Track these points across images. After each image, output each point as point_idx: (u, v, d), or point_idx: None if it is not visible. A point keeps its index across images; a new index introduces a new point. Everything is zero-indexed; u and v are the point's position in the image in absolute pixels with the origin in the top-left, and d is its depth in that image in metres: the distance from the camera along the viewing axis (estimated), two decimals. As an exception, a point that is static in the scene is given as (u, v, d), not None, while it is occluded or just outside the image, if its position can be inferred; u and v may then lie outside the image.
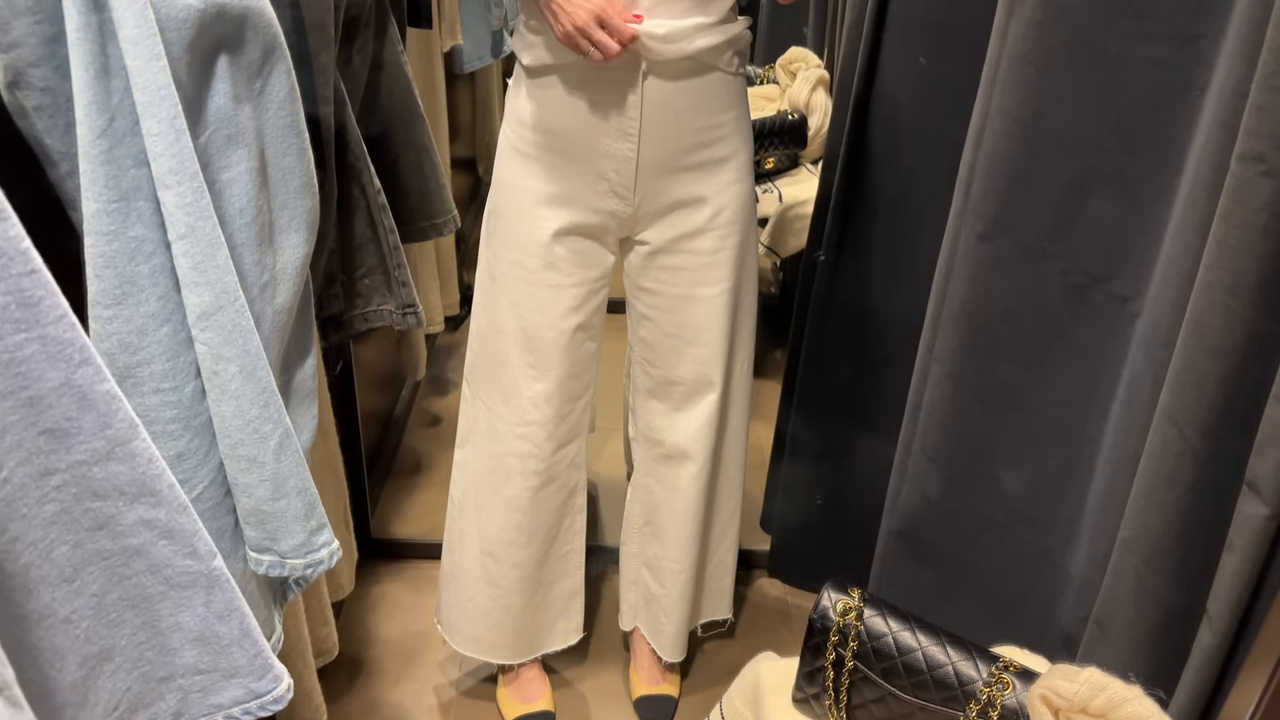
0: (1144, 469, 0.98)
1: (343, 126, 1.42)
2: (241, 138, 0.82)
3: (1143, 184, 1.03)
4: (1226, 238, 0.84)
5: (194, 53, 0.77)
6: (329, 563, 0.90)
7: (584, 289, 1.46)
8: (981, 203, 1.18)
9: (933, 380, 1.31)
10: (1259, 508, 0.84)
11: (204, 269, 0.76)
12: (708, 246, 1.45)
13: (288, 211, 0.88)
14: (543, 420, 1.50)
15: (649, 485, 1.65)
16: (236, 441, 0.81)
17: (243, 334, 0.79)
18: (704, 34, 1.30)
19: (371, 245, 1.51)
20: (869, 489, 1.58)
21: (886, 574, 1.47)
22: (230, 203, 0.83)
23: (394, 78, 1.68)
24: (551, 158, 1.39)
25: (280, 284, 0.88)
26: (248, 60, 0.82)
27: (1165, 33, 0.98)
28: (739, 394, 1.59)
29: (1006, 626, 1.29)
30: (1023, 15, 1.08)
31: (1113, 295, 1.09)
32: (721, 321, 1.49)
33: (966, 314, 1.24)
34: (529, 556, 1.58)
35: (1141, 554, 0.98)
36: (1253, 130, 0.80)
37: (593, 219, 1.42)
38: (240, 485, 0.83)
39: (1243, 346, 0.86)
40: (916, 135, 1.54)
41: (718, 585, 1.75)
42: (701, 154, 1.39)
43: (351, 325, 1.53)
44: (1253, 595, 0.88)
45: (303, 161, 0.88)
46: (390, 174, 1.69)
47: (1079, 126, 1.07)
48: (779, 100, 2.50)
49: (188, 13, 0.75)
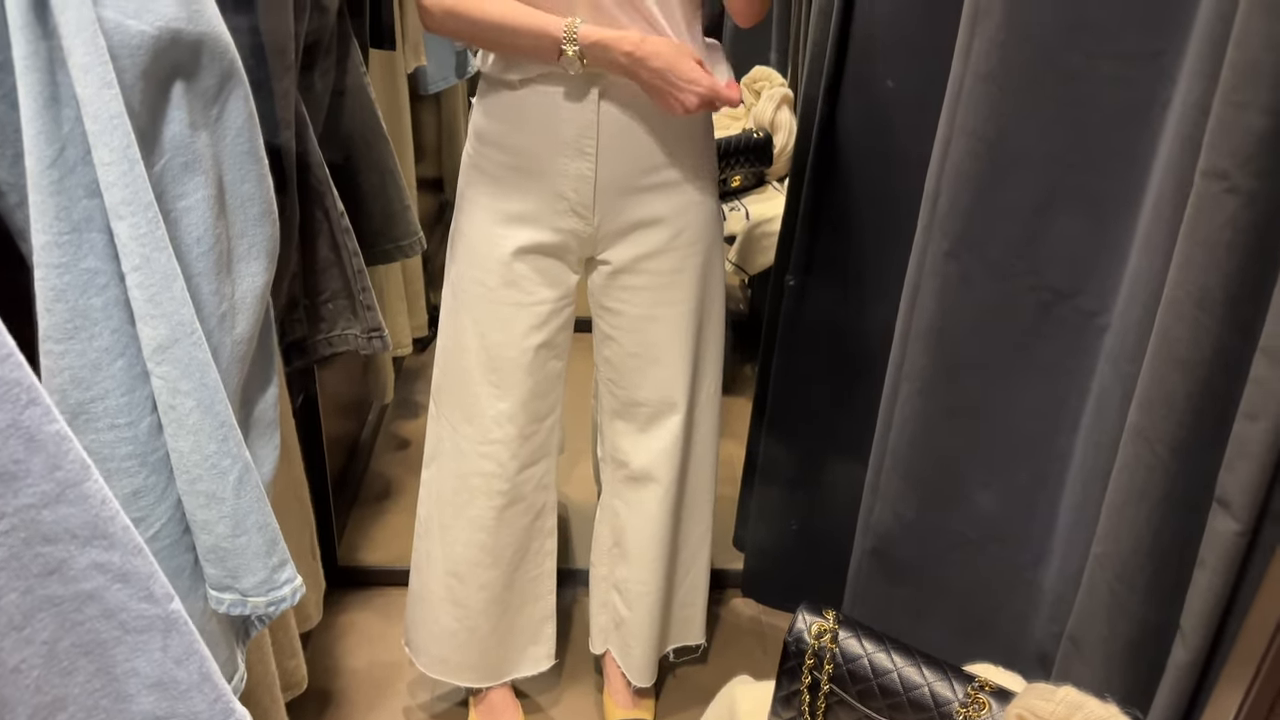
0: (1114, 484, 0.98)
1: (304, 150, 1.40)
2: (199, 165, 0.80)
3: (1107, 200, 1.04)
4: (1192, 253, 0.85)
5: (148, 80, 0.75)
6: (292, 600, 0.88)
7: (546, 308, 1.45)
8: (947, 220, 1.18)
9: (903, 398, 1.31)
10: (1229, 524, 0.84)
11: (159, 301, 0.74)
12: (669, 266, 1.45)
13: (247, 239, 0.86)
14: (506, 439, 1.49)
15: (616, 507, 1.63)
16: (195, 477, 0.79)
17: (200, 367, 0.77)
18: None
19: (335, 269, 1.49)
20: (842, 507, 1.57)
21: (860, 593, 1.47)
22: (187, 231, 0.81)
23: (357, 100, 1.66)
24: (512, 176, 1.39)
25: (239, 313, 0.86)
26: (204, 86, 0.80)
27: (1127, 50, 0.98)
28: (706, 415, 1.58)
29: (981, 644, 1.28)
30: (985, 34, 1.09)
31: (1079, 311, 1.10)
32: (684, 342, 1.49)
33: (935, 331, 1.24)
34: (495, 578, 1.56)
35: (1114, 570, 0.98)
36: (1215, 146, 0.81)
37: (554, 238, 1.41)
38: (199, 522, 0.81)
39: (1210, 361, 0.86)
40: (882, 153, 1.54)
41: (689, 611, 1.73)
42: (661, 174, 1.39)
43: (315, 350, 1.51)
44: (1225, 611, 0.88)
45: (261, 188, 0.86)
46: (354, 196, 1.68)
47: (1043, 144, 1.08)
48: (744, 119, 2.51)
49: (141, 39, 0.73)
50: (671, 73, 1.25)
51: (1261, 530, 0.84)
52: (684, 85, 1.25)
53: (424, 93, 2.43)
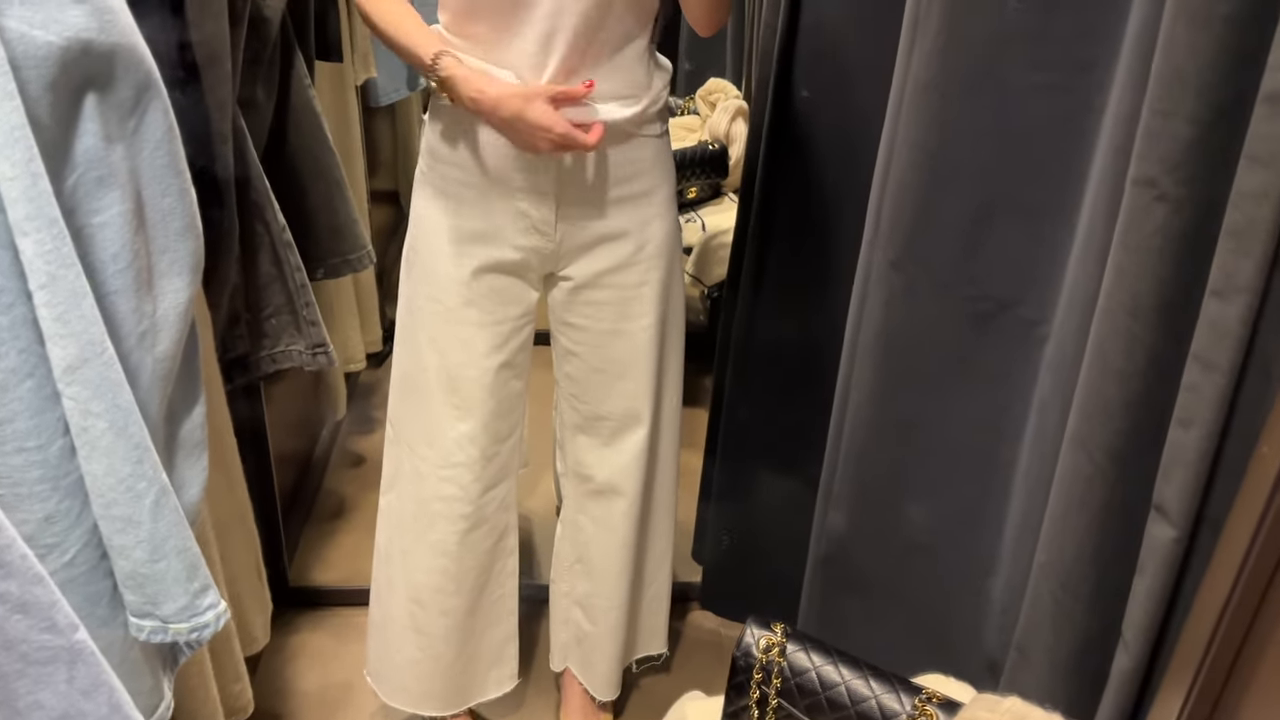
0: (1055, 493, 0.97)
1: (243, 163, 1.37)
2: (114, 179, 0.78)
3: (1044, 210, 1.04)
4: (1124, 262, 0.85)
5: (57, 91, 0.73)
6: (215, 626, 0.85)
7: (506, 327, 1.43)
8: (891, 231, 1.18)
9: (852, 408, 1.30)
10: (1167, 530, 0.84)
11: (67, 320, 0.72)
12: (632, 281, 1.43)
13: (169, 255, 0.84)
14: (468, 462, 1.46)
15: (579, 522, 1.61)
16: (110, 501, 0.76)
17: (112, 387, 0.74)
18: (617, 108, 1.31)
19: (277, 284, 1.46)
20: (797, 518, 1.56)
21: (814, 602, 1.46)
22: (103, 248, 0.78)
23: (301, 112, 1.64)
24: (469, 194, 1.36)
25: (161, 331, 0.83)
26: (119, 99, 0.78)
27: (1060, 60, 0.99)
28: (668, 427, 1.57)
29: (933, 653, 1.28)
30: (925, 44, 1.09)
31: (1021, 320, 1.10)
32: (648, 355, 1.47)
33: (881, 342, 1.23)
34: (459, 604, 1.53)
35: (1057, 579, 0.98)
36: (1144, 155, 0.81)
37: (513, 256, 1.39)
38: (116, 547, 0.78)
39: (1145, 370, 0.86)
40: (829, 164, 1.54)
41: (653, 621, 1.72)
42: (623, 188, 1.38)
43: (259, 367, 1.48)
44: (1165, 618, 0.88)
45: (184, 202, 0.84)
46: (300, 210, 1.65)
47: (981, 154, 1.08)
48: (700, 130, 2.51)
49: (48, 50, 0.71)
50: (519, 121, 1.24)
51: (1198, 536, 0.84)
52: (533, 132, 1.25)
53: (375, 105, 2.40)
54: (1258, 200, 0.71)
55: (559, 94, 1.25)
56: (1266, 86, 0.70)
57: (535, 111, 1.23)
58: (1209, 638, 0.79)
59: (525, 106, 1.23)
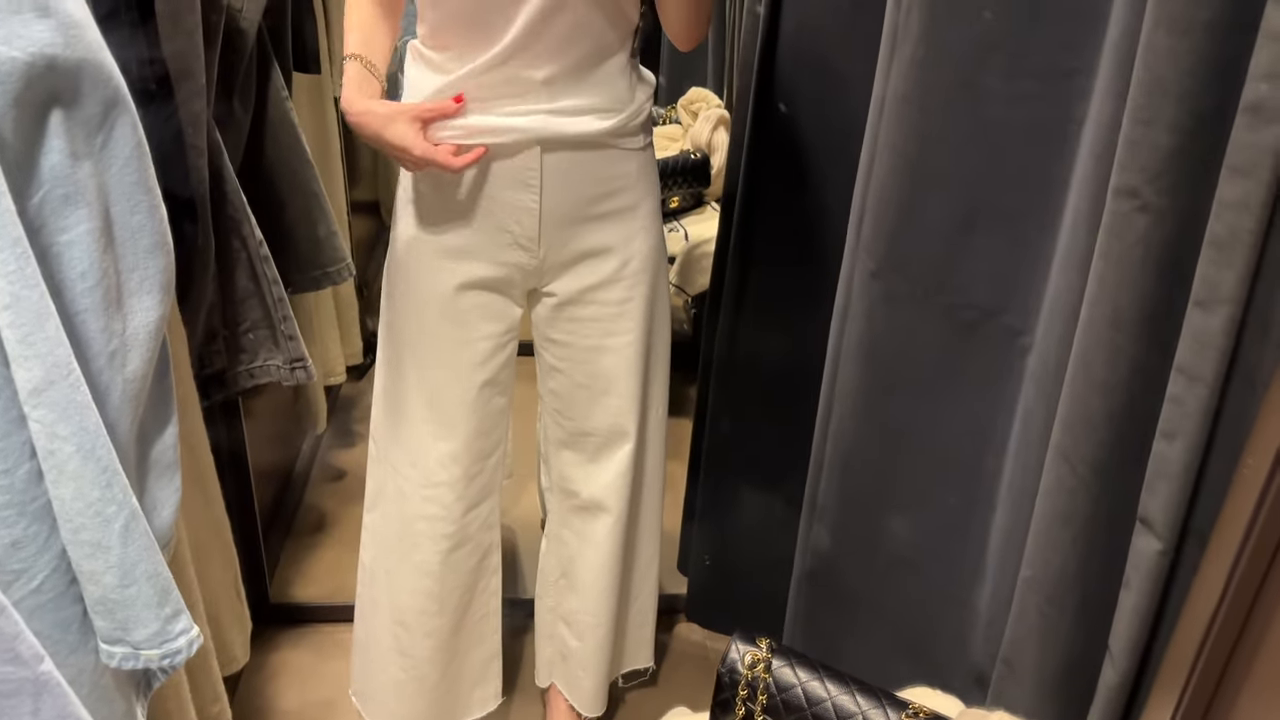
0: (1040, 507, 0.97)
1: (219, 177, 1.36)
2: (81, 197, 0.76)
3: (1026, 218, 1.03)
4: (1106, 273, 0.84)
5: (21, 108, 0.71)
6: (188, 652, 0.84)
7: (489, 343, 1.41)
8: (873, 240, 1.17)
9: (835, 419, 1.30)
10: (1152, 543, 0.84)
11: (32, 342, 0.70)
12: (616, 297, 1.42)
13: (139, 273, 0.82)
14: (451, 481, 1.44)
15: (564, 537, 1.60)
16: (78, 526, 0.75)
17: (79, 410, 0.73)
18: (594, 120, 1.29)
19: (255, 299, 1.44)
20: (783, 530, 1.56)
21: (800, 615, 1.45)
22: (70, 266, 0.77)
23: (279, 125, 1.63)
24: (451, 209, 1.34)
25: (131, 350, 0.82)
26: (86, 115, 0.76)
27: (1040, 69, 0.98)
28: (654, 442, 1.56)
29: (919, 665, 1.27)
30: (904, 54, 1.08)
31: (1004, 329, 1.09)
32: (633, 371, 1.46)
33: (864, 352, 1.23)
34: (443, 624, 1.52)
35: (1043, 593, 0.97)
36: (1125, 165, 0.80)
37: (497, 272, 1.37)
38: (86, 573, 0.77)
39: (1128, 381, 0.85)
40: (810, 175, 1.54)
41: (639, 634, 1.70)
42: (607, 203, 1.36)
43: (236, 382, 1.46)
44: (1152, 631, 0.87)
45: (153, 219, 0.82)
46: (278, 224, 1.64)
47: (962, 163, 1.07)
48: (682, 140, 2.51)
49: (11, 66, 0.69)
50: (379, 141, 1.25)
51: (1184, 549, 0.84)
52: (392, 151, 1.25)
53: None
54: (1239, 210, 0.71)
55: (424, 112, 1.24)
56: (1247, 96, 0.69)
57: (392, 132, 1.23)
58: (1196, 651, 0.78)
59: (384, 126, 1.23)
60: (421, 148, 1.22)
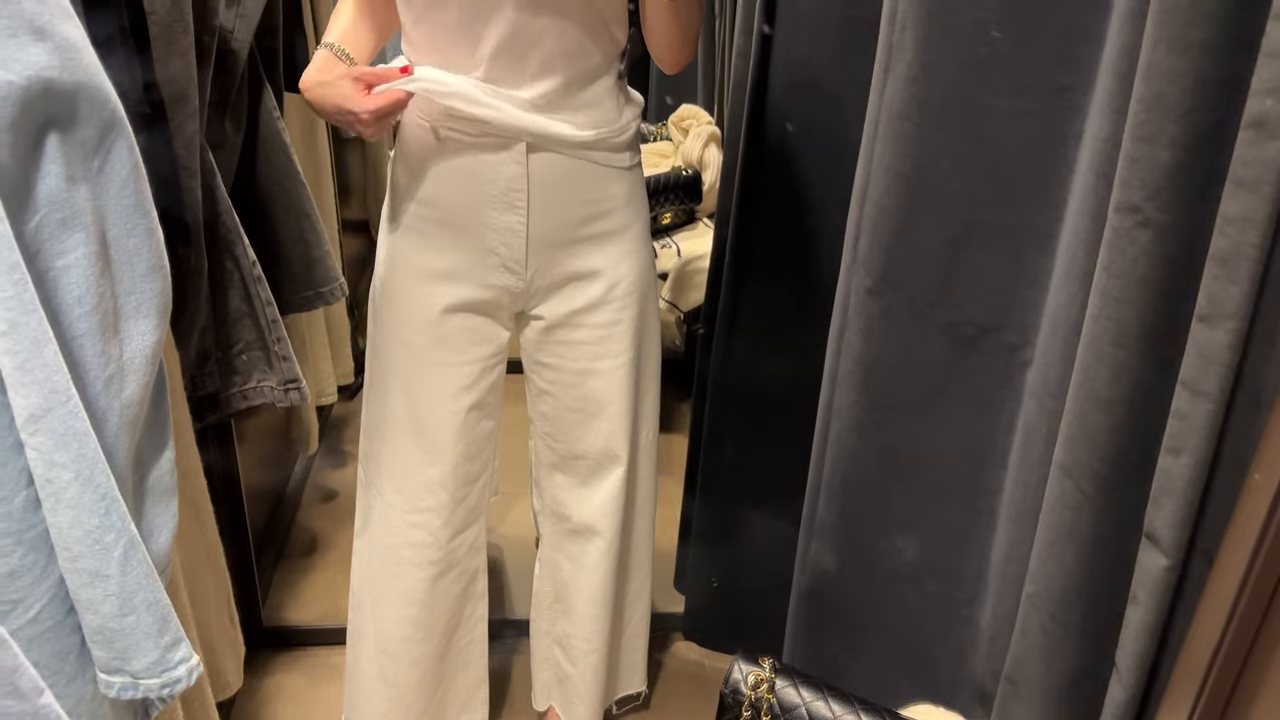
0: (1044, 523, 0.96)
1: (212, 198, 1.35)
2: (78, 220, 0.76)
3: (1023, 234, 1.03)
4: (1108, 288, 0.84)
5: (17, 132, 0.70)
6: (188, 680, 0.82)
7: (476, 367, 1.40)
8: (869, 257, 1.17)
9: (833, 436, 1.29)
10: (1159, 559, 0.83)
11: (30, 368, 0.69)
12: (605, 319, 1.40)
13: (135, 296, 0.82)
14: (438, 507, 1.43)
15: (557, 561, 1.59)
16: (76, 554, 0.74)
17: (77, 436, 0.72)
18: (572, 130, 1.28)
19: (248, 319, 1.43)
20: (781, 548, 1.55)
21: (799, 633, 1.44)
22: (67, 291, 0.76)
23: (271, 145, 1.62)
24: (437, 231, 1.33)
25: (128, 375, 0.81)
26: (83, 137, 0.76)
27: (1035, 85, 0.99)
28: (645, 464, 1.55)
29: (921, 682, 1.26)
30: (899, 72, 1.08)
31: (1002, 345, 1.09)
32: (624, 394, 1.45)
33: (861, 369, 1.23)
34: (428, 652, 1.50)
35: (1047, 609, 0.97)
36: (1127, 181, 0.81)
37: (484, 294, 1.36)
38: (84, 601, 0.75)
39: (1131, 397, 0.85)
40: (806, 191, 1.54)
41: (631, 659, 1.69)
42: (595, 225, 1.35)
43: (229, 404, 1.45)
44: (1159, 647, 0.87)
45: (150, 242, 0.82)
46: (271, 244, 1.63)
47: (958, 179, 1.07)
48: (673, 156, 2.51)
49: (8, 89, 0.69)
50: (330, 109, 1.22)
51: (1191, 564, 0.84)
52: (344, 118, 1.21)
53: (346, 136, 2.38)
54: (1243, 225, 0.71)
55: (364, 74, 1.21)
56: (1250, 111, 0.70)
57: (335, 93, 1.20)
58: (1206, 667, 0.78)
59: (327, 91, 1.20)
60: (361, 102, 1.19)
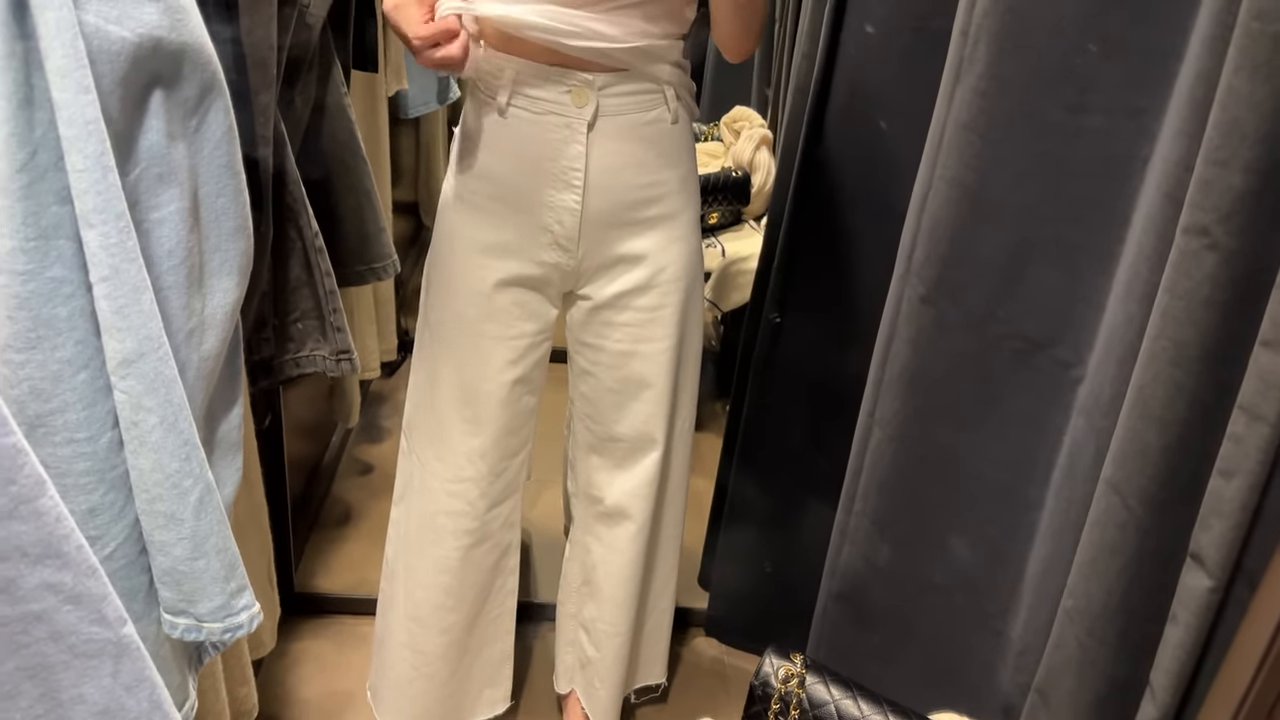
0: (1087, 538, 0.97)
1: (281, 167, 1.38)
2: (174, 177, 0.78)
3: (1084, 252, 1.04)
4: (1170, 309, 0.85)
5: (126, 87, 0.73)
6: (249, 627, 0.85)
7: (524, 342, 1.43)
8: (924, 267, 1.18)
9: (874, 443, 1.30)
10: (1202, 580, 0.84)
11: (127, 313, 0.72)
12: (650, 304, 1.43)
13: (220, 254, 0.84)
14: (477, 477, 1.46)
15: (587, 543, 1.61)
16: (154, 496, 0.76)
17: (165, 383, 0.74)
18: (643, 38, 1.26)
19: (307, 289, 1.46)
20: (811, 549, 1.56)
21: (826, 636, 1.45)
22: (159, 244, 0.79)
23: (336, 120, 1.65)
24: (495, 207, 1.36)
25: (208, 329, 0.84)
26: (184, 97, 0.78)
27: (1108, 105, 1.00)
28: (680, 451, 1.57)
29: (947, 692, 1.27)
30: (968, 83, 1.10)
31: (1055, 361, 1.10)
32: (664, 378, 1.47)
33: (908, 377, 1.24)
34: (457, 621, 1.53)
35: (1084, 624, 0.98)
36: (1197, 204, 0.81)
37: (535, 271, 1.39)
38: (156, 543, 0.78)
39: (1185, 418, 0.86)
40: (860, 199, 1.55)
41: (653, 650, 1.70)
42: (647, 210, 1.38)
43: (282, 370, 1.48)
44: (1196, 668, 0.88)
45: (238, 203, 0.84)
46: (330, 217, 1.66)
47: (1021, 194, 1.08)
48: (723, 157, 2.52)
49: (121, 45, 0.71)
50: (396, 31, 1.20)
51: (1234, 587, 0.84)
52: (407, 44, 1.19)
53: (404, 116, 2.42)
54: (1313, 255, 0.72)
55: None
56: (1328, 143, 0.70)
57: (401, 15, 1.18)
58: (1244, 690, 0.78)
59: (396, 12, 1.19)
60: (416, 28, 1.18)
